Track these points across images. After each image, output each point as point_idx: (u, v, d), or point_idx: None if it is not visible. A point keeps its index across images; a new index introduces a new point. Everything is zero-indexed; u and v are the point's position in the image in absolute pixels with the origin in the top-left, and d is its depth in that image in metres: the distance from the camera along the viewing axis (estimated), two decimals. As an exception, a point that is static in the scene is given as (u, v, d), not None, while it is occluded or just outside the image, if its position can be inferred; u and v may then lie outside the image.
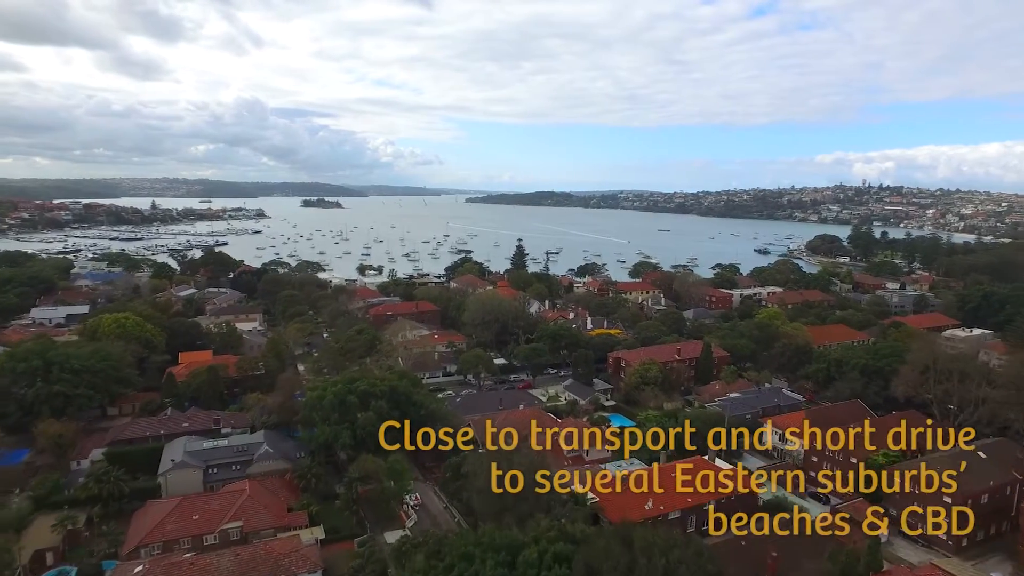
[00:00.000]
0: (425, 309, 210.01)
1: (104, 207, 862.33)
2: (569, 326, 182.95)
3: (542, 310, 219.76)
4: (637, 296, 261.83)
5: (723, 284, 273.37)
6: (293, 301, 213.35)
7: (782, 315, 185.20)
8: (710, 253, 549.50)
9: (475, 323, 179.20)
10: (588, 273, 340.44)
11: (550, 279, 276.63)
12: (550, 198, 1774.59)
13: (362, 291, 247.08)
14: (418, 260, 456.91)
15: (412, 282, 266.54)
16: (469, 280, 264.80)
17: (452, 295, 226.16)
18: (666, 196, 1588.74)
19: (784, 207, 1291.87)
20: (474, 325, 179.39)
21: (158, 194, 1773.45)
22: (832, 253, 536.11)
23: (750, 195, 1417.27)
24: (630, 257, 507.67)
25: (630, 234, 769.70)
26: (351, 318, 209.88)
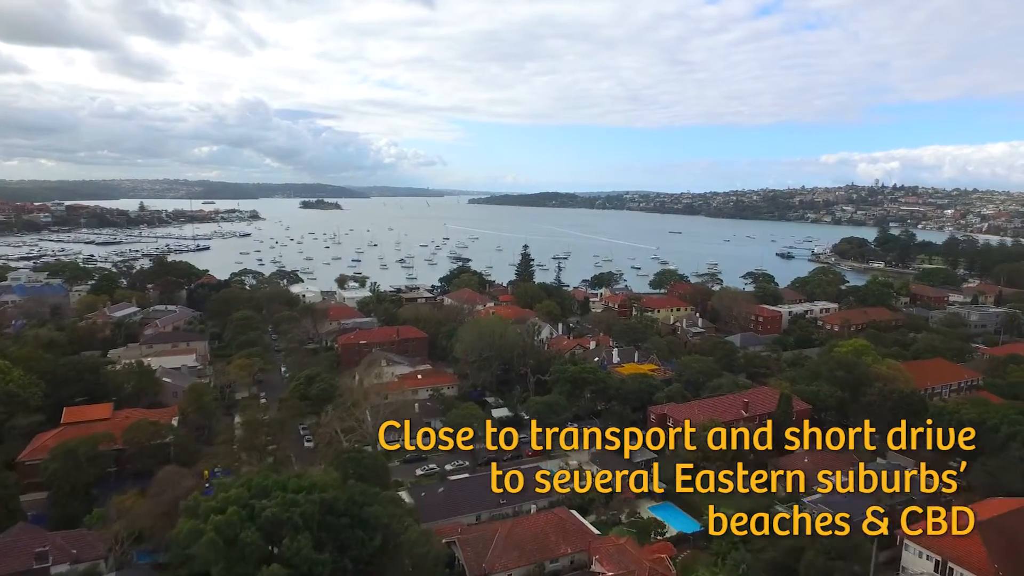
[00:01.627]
0: (409, 336, 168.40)
1: (88, 209, 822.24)
2: (591, 363, 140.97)
3: (554, 336, 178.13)
4: (667, 315, 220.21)
5: (765, 299, 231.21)
6: (246, 325, 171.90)
7: (870, 348, 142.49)
8: (730, 258, 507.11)
9: (470, 359, 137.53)
10: (603, 284, 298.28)
11: (562, 293, 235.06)
12: (554, 199, 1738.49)
13: (337, 310, 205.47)
14: (412, 267, 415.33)
15: (398, 298, 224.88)
16: (466, 296, 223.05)
17: (444, 317, 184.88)
18: (673, 197, 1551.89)
19: (795, 208, 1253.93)
20: (469, 362, 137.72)
21: (158, 195, 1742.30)
22: (863, 258, 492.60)
23: (760, 195, 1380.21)
24: (645, 263, 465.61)
25: (640, 236, 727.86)
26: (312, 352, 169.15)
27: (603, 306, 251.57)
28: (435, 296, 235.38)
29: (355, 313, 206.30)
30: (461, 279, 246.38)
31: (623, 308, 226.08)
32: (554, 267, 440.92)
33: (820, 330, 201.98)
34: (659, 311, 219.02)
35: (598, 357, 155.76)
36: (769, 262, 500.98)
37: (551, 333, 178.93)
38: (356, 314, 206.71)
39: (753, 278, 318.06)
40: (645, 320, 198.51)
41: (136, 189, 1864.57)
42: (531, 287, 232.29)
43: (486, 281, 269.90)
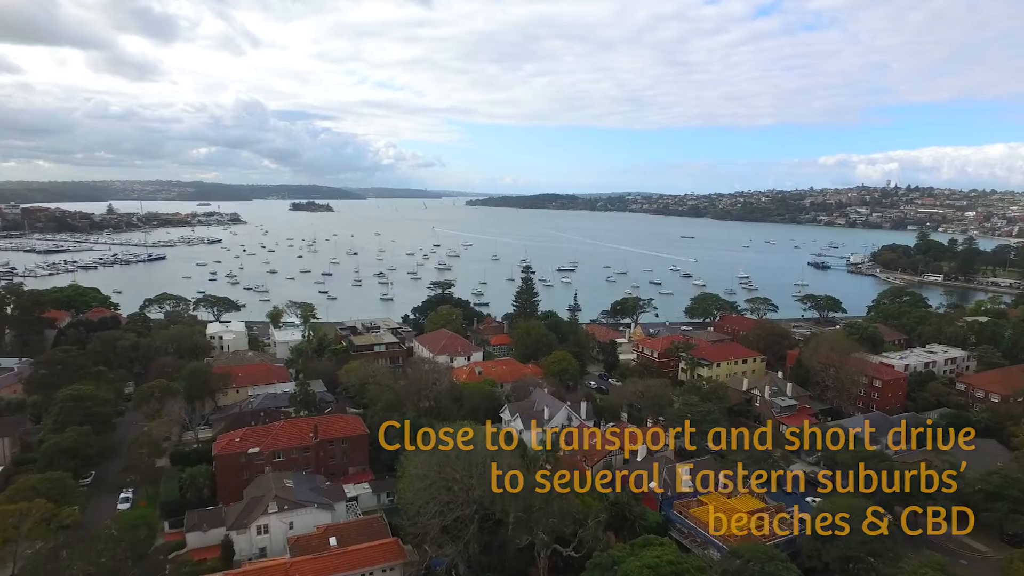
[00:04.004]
0: (338, 435, 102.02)
1: (46, 211, 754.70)
2: (645, 515, 74.91)
3: (573, 424, 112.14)
4: (731, 371, 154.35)
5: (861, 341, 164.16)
6: (77, 410, 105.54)
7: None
8: (759, 269, 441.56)
9: (426, 514, 71.20)
10: (627, 312, 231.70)
11: (578, 334, 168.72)
12: (554, 200, 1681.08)
13: (250, 370, 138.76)
14: (391, 284, 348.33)
15: (346, 346, 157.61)
16: (443, 343, 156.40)
17: (405, 390, 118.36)
18: (677, 198, 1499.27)
19: (806, 210, 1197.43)
20: (425, 519, 71.37)
21: (149, 196, 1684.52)
22: (915, 269, 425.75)
23: (768, 197, 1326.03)
24: (664, 276, 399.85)
25: (651, 243, 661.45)
26: (182, 457, 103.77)
27: (632, 347, 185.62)
28: (401, 339, 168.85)
29: (276, 373, 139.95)
30: (439, 313, 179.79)
31: (665, 359, 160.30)
32: (559, 280, 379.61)
33: (963, 396, 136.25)
34: (717, 365, 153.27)
35: (654, 483, 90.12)
36: (802, 272, 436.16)
37: (568, 419, 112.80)
38: (278, 373, 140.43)
39: (813, 302, 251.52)
40: (707, 388, 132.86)
41: (127, 190, 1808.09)
42: (535, 328, 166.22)
43: (474, 313, 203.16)
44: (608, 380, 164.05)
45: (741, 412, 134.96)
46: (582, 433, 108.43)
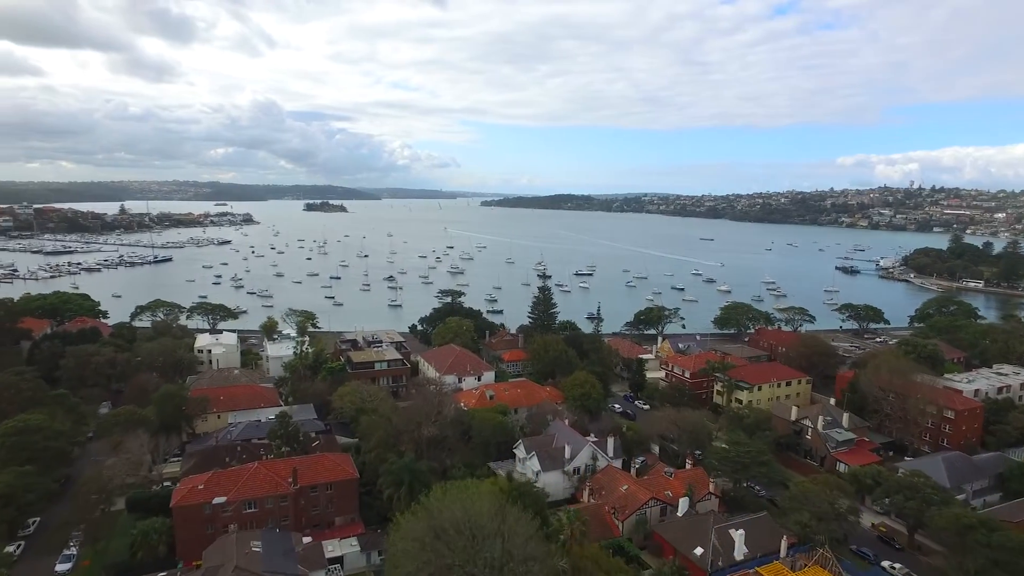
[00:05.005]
0: (323, 480, 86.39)
1: (59, 212, 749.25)
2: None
3: (598, 464, 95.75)
4: (773, 395, 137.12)
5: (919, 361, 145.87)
6: (19, 444, 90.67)
7: None
8: (786, 274, 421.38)
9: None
10: (652, 322, 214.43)
11: (601, 350, 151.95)
12: (570, 201, 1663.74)
13: (233, 393, 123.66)
14: (400, 288, 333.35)
15: (343, 363, 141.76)
16: (451, 360, 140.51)
17: (405, 420, 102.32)
18: (694, 199, 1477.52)
19: (827, 211, 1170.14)
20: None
21: (166, 196, 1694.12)
22: (952, 274, 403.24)
23: (787, 198, 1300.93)
24: (686, 280, 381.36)
25: (670, 245, 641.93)
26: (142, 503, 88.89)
27: (659, 364, 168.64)
28: (405, 355, 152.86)
29: (263, 395, 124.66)
30: (448, 326, 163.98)
31: (698, 379, 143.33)
32: (576, 285, 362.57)
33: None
34: (759, 387, 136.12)
35: (700, 549, 73.46)
36: (829, 277, 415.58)
37: (593, 458, 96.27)
38: (265, 396, 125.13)
39: (852, 312, 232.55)
40: (747, 415, 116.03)
41: (145, 191, 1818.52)
42: (553, 343, 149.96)
43: (486, 325, 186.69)
44: (634, 402, 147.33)
45: (789, 445, 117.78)
46: (610, 477, 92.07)
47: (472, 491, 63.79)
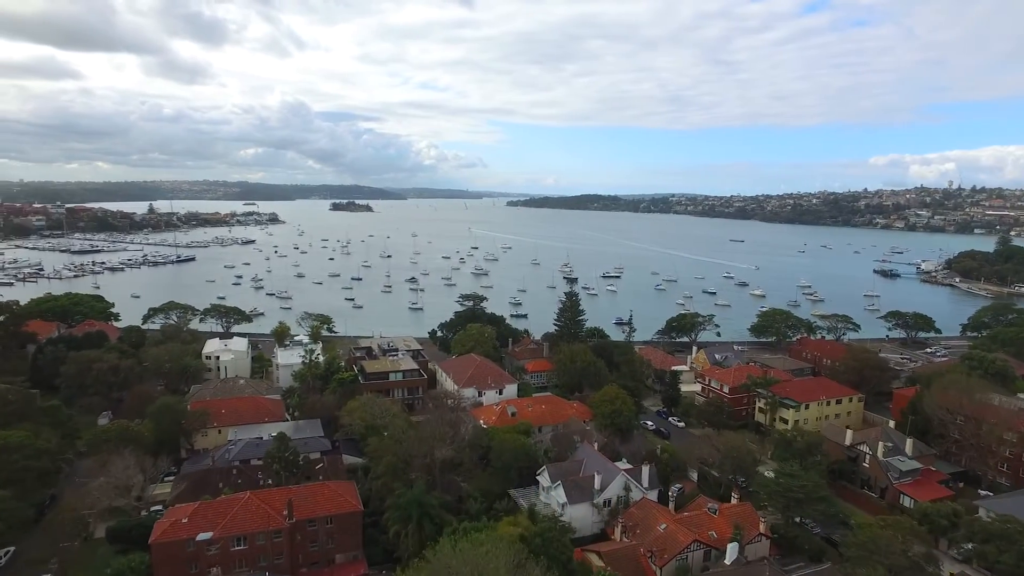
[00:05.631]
0: (321, 511, 77.05)
1: (90, 211, 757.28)
2: None
3: (631, 497, 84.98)
4: (827, 415, 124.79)
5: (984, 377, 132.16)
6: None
7: None
8: (822, 277, 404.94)
9: None
10: (684, 329, 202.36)
11: (632, 361, 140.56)
12: (596, 202, 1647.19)
13: (231, 409, 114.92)
14: (422, 290, 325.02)
15: (356, 374, 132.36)
16: (471, 370, 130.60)
17: (417, 441, 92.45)
18: (723, 200, 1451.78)
19: (861, 212, 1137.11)
20: None
21: (196, 196, 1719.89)
22: (1002, 279, 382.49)
23: (819, 199, 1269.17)
24: (717, 283, 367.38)
25: (699, 247, 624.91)
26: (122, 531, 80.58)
27: (693, 376, 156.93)
28: (423, 365, 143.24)
29: (267, 409, 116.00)
30: (468, 333, 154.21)
31: (738, 394, 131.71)
32: (604, 288, 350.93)
33: None
34: (806, 405, 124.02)
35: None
36: (868, 281, 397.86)
37: (625, 489, 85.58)
38: (270, 409, 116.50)
39: (899, 320, 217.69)
40: (798, 436, 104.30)
41: (176, 190, 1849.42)
42: (580, 353, 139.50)
43: (509, 332, 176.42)
44: (668, 419, 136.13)
45: (843, 473, 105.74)
46: (646, 512, 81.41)
47: (486, 544, 53.67)
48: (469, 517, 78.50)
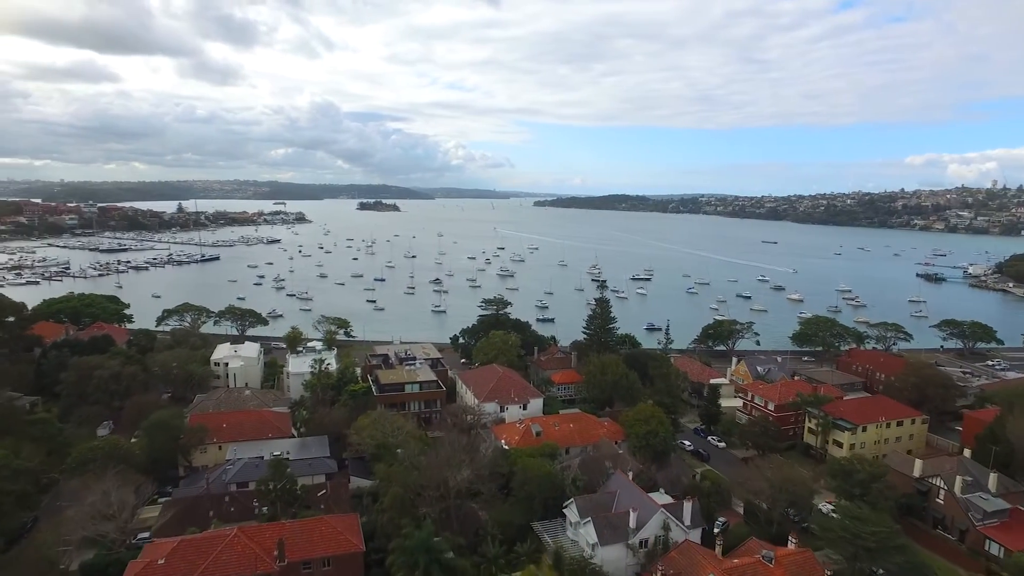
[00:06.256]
0: (317, 552, 67.69)
1: (120, 210, 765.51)
2: None
3: (676, 539, 74.11)
4: (886, 439, 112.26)
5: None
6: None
7: None
8: (863, 280, 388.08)
9: None
10: (721, 338, 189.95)
11: (668, 375, 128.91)
12: (624, 202, 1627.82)
13: (233, 423, 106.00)
14: (446, 292, 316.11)
15: (369, 385, 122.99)
16: (493, 383, 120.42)
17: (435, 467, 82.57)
18: (754, 200, 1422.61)
19: (898, 213, 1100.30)
20: None
21: (227, 196, 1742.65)
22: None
23: (854, 199, 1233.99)
24: (751, 287, 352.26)
25: (731, 248, 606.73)
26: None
27: (732, 390, 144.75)
28: (442, 375, 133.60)
29: (271, 423, 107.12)
30: (491, 341, 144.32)
31: (785, 412, 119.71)
32: (633, 291, 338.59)
33: None
34: (863, 428, 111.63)
35: None
36: (911, 285, 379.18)
37: (665, 530, 74.75)
38: (275, 424, 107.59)
39: (955, 328, 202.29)
40: (860, 467, 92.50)
41: (207, 190, 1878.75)
42: (611, 364, 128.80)
43: (535, 340, 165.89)
44: (708, 438, 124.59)
45: (911, 509, 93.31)
46: (689, 559, 70.47)
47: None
48: (486, 561, 68.43)
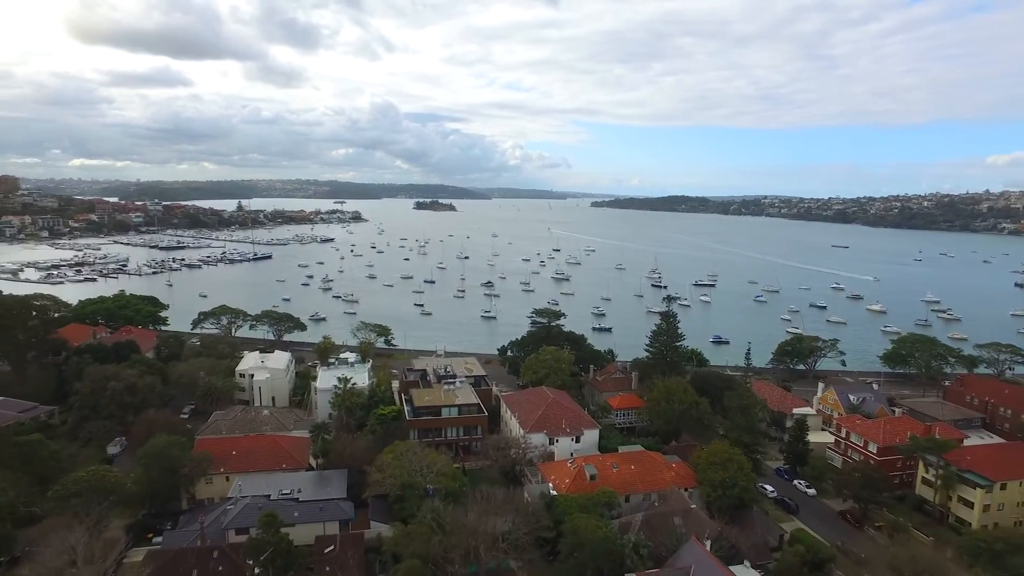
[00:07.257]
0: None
1: (183, 208, 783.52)
2: None
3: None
4: (1017, 497, 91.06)
5: None
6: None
7: None
8: (946, 289, 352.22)
9: None
10: (800, 356, 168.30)
11: (749, 408, 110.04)
12: (684, 203, 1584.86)
13: (243, 450, 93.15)
14: (497, 296, 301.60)
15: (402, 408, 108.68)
16: (541, 413, 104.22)
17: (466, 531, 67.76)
18: (820, 202, 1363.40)
19: (983, 216, 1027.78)
20: None
21: (288, 195, 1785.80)
22: None
23: (931, 201, 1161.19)
24: (825, 295, 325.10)
25: (798, 253, 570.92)
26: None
27: (819, 422, 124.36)
28: (483, 397, 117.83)
29: (285, 452, 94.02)
30: (540, 358, 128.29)
31: (890, 456, 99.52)
32: (696, 297, 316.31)
33: None
34: (1003, 485, 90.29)
35: None
36: (1011, 297, 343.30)
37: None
38: (289, 453, 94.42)
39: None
40: (1004, 543, 72.74)
41: (270, 189, 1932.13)
42: (678, 388, 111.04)
43: (590, 356, 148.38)
44: (793, 482, 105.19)
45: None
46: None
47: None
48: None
